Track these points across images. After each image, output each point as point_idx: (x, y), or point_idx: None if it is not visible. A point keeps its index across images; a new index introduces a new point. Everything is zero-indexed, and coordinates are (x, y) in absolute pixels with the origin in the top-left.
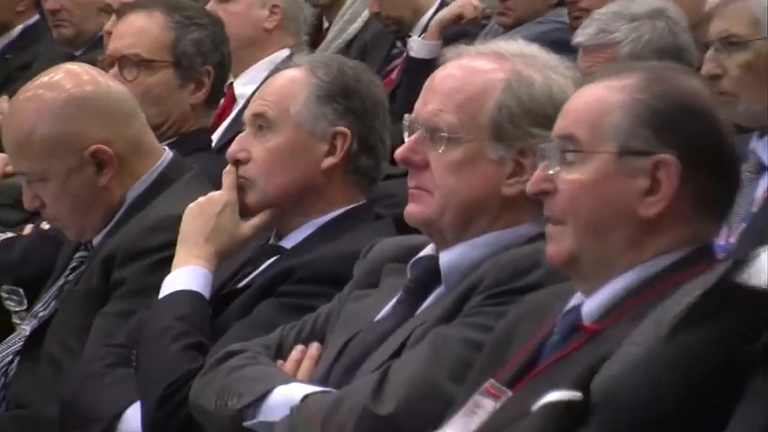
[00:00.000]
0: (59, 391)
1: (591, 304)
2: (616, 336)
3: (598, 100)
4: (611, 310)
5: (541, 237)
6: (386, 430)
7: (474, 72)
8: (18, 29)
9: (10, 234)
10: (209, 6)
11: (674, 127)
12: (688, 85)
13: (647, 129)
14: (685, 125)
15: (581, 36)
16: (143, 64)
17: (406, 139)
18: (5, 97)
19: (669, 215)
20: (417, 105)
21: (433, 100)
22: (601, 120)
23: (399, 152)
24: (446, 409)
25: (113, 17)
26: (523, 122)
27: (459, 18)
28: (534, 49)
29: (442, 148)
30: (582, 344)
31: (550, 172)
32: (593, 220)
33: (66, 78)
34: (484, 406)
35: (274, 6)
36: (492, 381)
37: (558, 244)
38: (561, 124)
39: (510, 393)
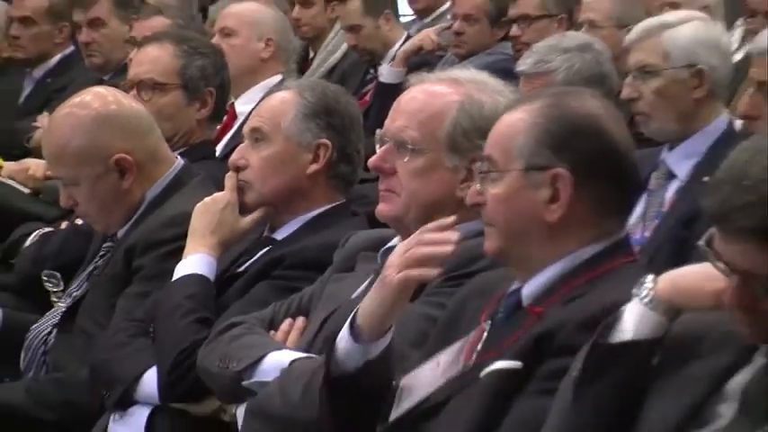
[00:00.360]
0: (89, 358)
1: (528, 289)
2: (551, 316)
3: (509, 125)
4: (546, 294)
5: None
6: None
7: (433, 95)
8: (56, 58)
9: (49, 229)
10: (214, 40)
11: (566, 145)
12: (582, 108)
13: (546, 148)
14: (576, 143)
15: (522, 65)
16: (157, 87)
17: (378, 150)
18: (46, 114)
19: (571, 218)
20: (387, 122)
21: (399, 118)
22: (510, 143)
23: (372, 161)
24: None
25: (136, 49)
26: (474, 137)
27: (419, 49)
28: (484, 76)
29: (407, 157)
30: (528, 326)
31: (478, 187)
32: (511, 227)
33: (95, 99)
34: (460, 360)
35: (269, 40)
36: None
37: (490, 242)
38: (486, 146)
39: (471, 365)
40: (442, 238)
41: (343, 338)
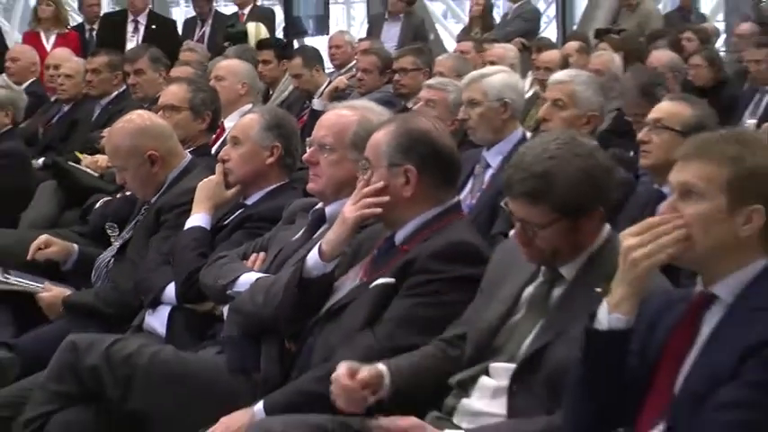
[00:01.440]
0: (134, 276)
1: (399, 235)
2: (413, 251)
3: (377, 138)
4: (409, 238)
5: None
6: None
7: (342, 116)
8: (114, 93)
9: (109, 198)
10: (211, 83)
11: (410, 150)
12: (418, 127)
13: (398, 152)
14: (416, 149)
15: (431, 81)
16: (174, 109)
17: (308, 150)
18: (108, 128)
19: (419, 193)
20: (313, 133)
21: (321, 130)
22: (378, 149)
23: (305, 156)
24: None
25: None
26: (367, 141)
27: (337, 89)
28: (373, 105)
29: (326, 154)
30: (399, 258)
31: (364, 177)
32: (384, 207)
33: (137, 117)
34: (359, 276)
35: (244, 83)
36: (372, 261)
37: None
38: (365, 151)
39: (365, 280)
40: (377, 188)
41: (313, 257)
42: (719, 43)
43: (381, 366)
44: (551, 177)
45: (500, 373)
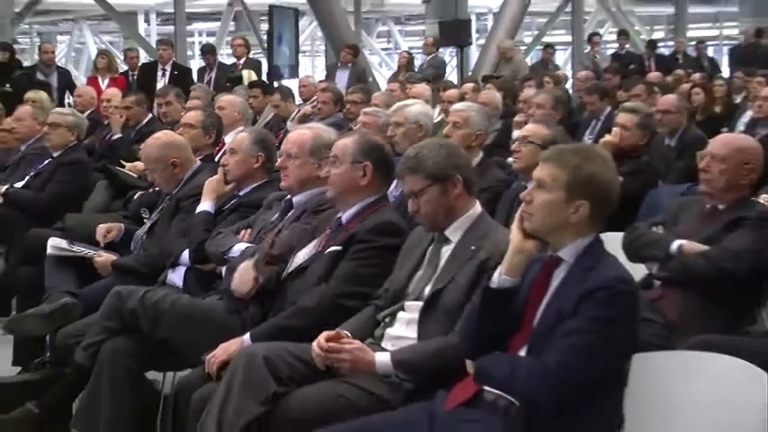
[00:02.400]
0: (160, 245)
1: (345, 216)
2: (354, 228)
3: (345, 141)
4: (353, 218)
5: None
6: (278, 259)
7: (301, 134)
8: (144, 120)
9: (143, 192)
10: (216, 111)
11: (367, 153)
12: (371, 138)
13: (360, 153)
14: (372, 153)
15: (367, 110)
16: (191, 126)
17: (280, 159)
18: (143, 143)
19: (370, 184)
20: (282, 146)
21: (288, 143)
22: (345, 150)
23: (277, 163)
24: None
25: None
26: (322, 150)
27: (304, 115)
28: (324, 126)
29: (292, 160)
30: (344, 233)
31: (328, 169)
32: (343, 189)
33: (163, 135)
34: (317, 247)
35: (239, 112)
36: (327, 236)
37: (331, 193)
38: (333, 150)
39: (321, 249)
40: None
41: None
42: (568, 84)
43: (346, 332)
44: (421, 155)
45: (412, 308)
